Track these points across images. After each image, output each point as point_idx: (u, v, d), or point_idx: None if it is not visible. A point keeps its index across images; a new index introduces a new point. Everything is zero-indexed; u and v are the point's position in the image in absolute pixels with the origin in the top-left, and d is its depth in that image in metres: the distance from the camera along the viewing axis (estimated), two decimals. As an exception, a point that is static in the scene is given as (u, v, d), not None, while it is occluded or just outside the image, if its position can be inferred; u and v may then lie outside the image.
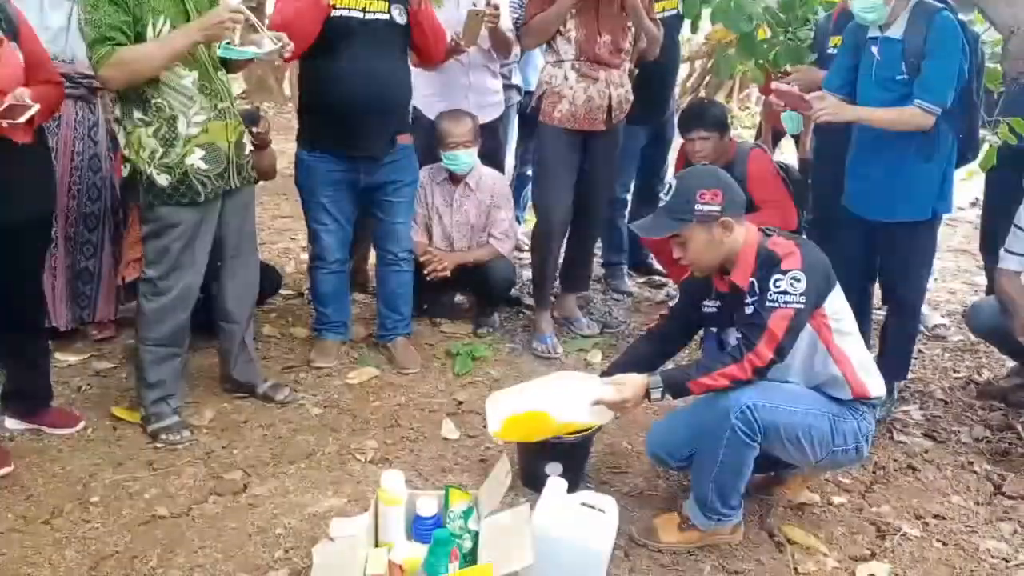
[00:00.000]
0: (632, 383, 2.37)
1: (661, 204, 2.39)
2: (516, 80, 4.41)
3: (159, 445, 2.86)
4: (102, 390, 3.22)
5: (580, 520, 2.18)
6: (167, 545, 2.39)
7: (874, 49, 2.94)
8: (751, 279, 2.32)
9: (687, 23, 4.33)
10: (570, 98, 3.55)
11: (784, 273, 2.24)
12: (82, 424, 2.93)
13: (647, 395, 2.35)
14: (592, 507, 2.22)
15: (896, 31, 2.89)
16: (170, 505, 2.56)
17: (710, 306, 2.52)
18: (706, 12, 3.60)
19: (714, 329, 2.53)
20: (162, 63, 2.57)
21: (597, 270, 4.63)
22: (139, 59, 2.54)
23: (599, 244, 4.49)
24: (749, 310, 2.30)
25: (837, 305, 2.36)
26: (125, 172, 2.74)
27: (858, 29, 3.01)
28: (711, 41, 6.77)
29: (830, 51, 3.50)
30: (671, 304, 2.83)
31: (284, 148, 4.36)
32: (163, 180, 2.67)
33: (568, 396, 2.45)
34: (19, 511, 2.48)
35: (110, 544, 2.38)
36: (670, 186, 2.38)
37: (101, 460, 2.77)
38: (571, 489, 2.32)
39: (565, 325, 3.97)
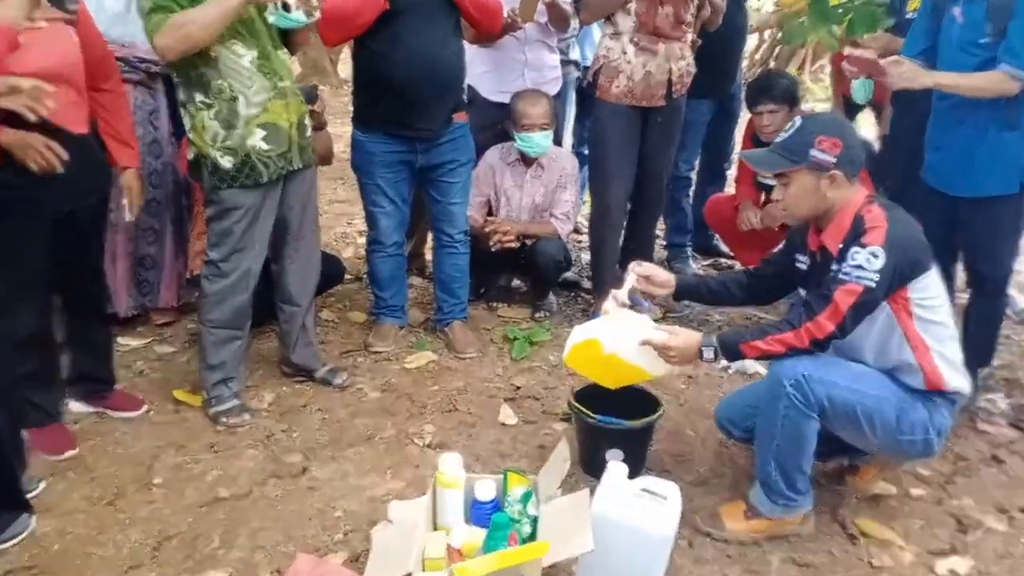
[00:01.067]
0: (685, 335, 2.31)
1: (778, 140, 2.30)
2: (574, 55, 4.32)
3: (220, 428, 2.88)
4: (164, 374, 3.26)
5: (641, 506, 2.10)
6: (229, 526, 2.39)
7: (956, 11, 2.76)
8: (840, 244, 2.20)
9: None
10: (628, 73, 3.45)
11: (863, 247, 2.11)
12: (145, 407, 2.97)
13: (700, 354, 2.26)
14: (654, 493, 2.14)
15: None
16: (231, 487, 2.57)
17: (801, 262, 2.41)
18: None
19: (803, 293, 2.42)
20: (215, 24, 2.50)
21: (660, 252, 4.52)
22: (191, 21, 2.48)
23: (662, 225, 4.39)
24: (831, 276, 2.19)
25: (930, 291, 2.20)
26: (191, 156, 2.76)
27: None
28: (781, 9, 6.56)
29: (908, 16, 3.34)
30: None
31: (340, 132, 4.37)
32: (227, 162, 2.67)
33: (623, 330, 2.37)
34: (84, 492, 2.52)
35: (173, 524, 2.40)
36: (793, 124, 2.28)
37: (164, 442, 2.80)
38: (632, 476, 2.25)
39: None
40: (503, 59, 3.78)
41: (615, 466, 2.23)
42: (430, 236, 3.83)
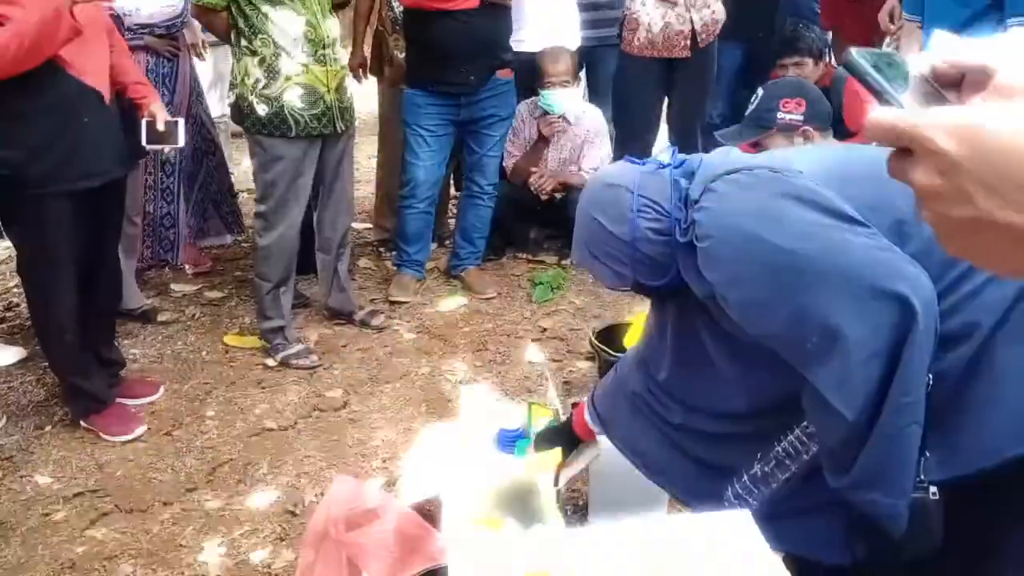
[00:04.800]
0: None
1: (746, 113, 2.39)
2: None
3: (270, 363, 3.08)
4: (213, 318, 3.47)
5: None
6: (276, 454, 2.61)
7: None
8: None
9: None
10: (647, 25, 3.51)
11: None
12: (161, 390, 2.92)
13: None
14: None
15: None
16: (278, 419, 2.78)
17: None
18: None
19: None
20: None
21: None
22: None
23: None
24: None
25: None
26: (231, 99, 2.95)
27: None
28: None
29: None
30: None
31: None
32: (261, 110, 2.84)
33: None
34: (146, 425, 2.73)
35: (225, 452, 2.62)
36: (756, 95, 2.38)
37: (214, 380, 3.02)
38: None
39: None
40: (524, 9, 3.82)
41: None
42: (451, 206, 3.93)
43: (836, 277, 1.17)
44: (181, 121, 2.81)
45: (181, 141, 2.80)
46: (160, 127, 2.70)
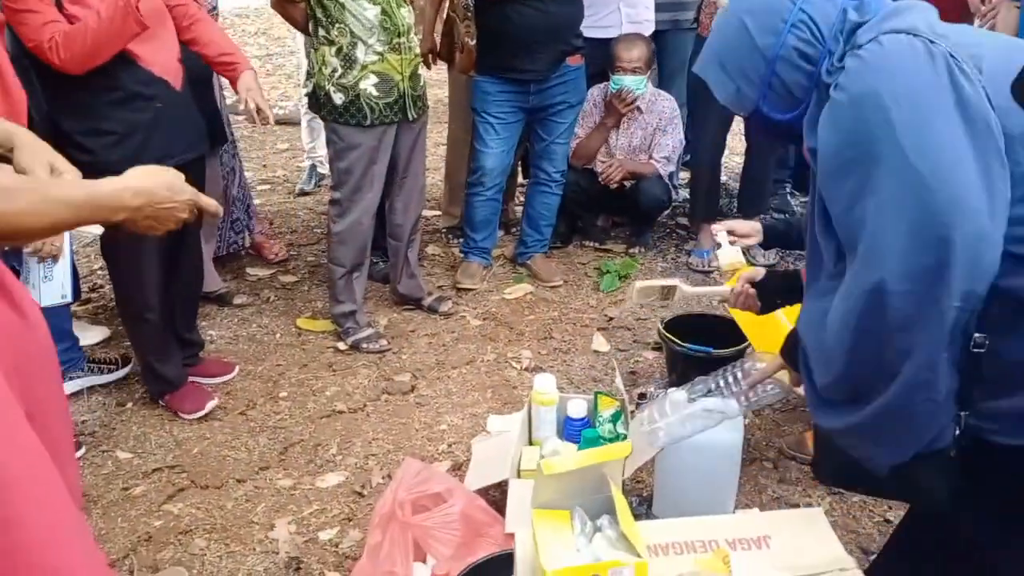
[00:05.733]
0: None
1: None
2: None
3: (341, 347, 3.14)
4: (287, 301, 3.55)
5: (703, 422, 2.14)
6: (345, 436, 2.66)
7: None
8: None
9: None
10: (726, 7, 3.44)
11: None
12: (236, 370, 3.01)
13: None
14: (712, 411, 2.18)
15: None
16: (348, 402, 2.83)
17: None
18: None
19: None
20: None
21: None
22: None
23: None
24: None
25: None
26: (307, 89, 3.00)
27: None
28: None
29: None
30: None
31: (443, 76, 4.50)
32: (338, 98, 2.88)
33: None
34: (219, 403, 2.82)
35: (296, 433, 2.68)
36: None
37: (287, 362, 3.09)
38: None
39: None
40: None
41: (674, 392, 2.30)
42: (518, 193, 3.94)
43: (911, 208, 1.09)
44: (273, 98, 2.81)
45: (271, 119, 2.77)
46: (251, 105, 2.69)
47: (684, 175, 4.59)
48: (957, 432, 1.19)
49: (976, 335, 1.13)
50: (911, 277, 1.09)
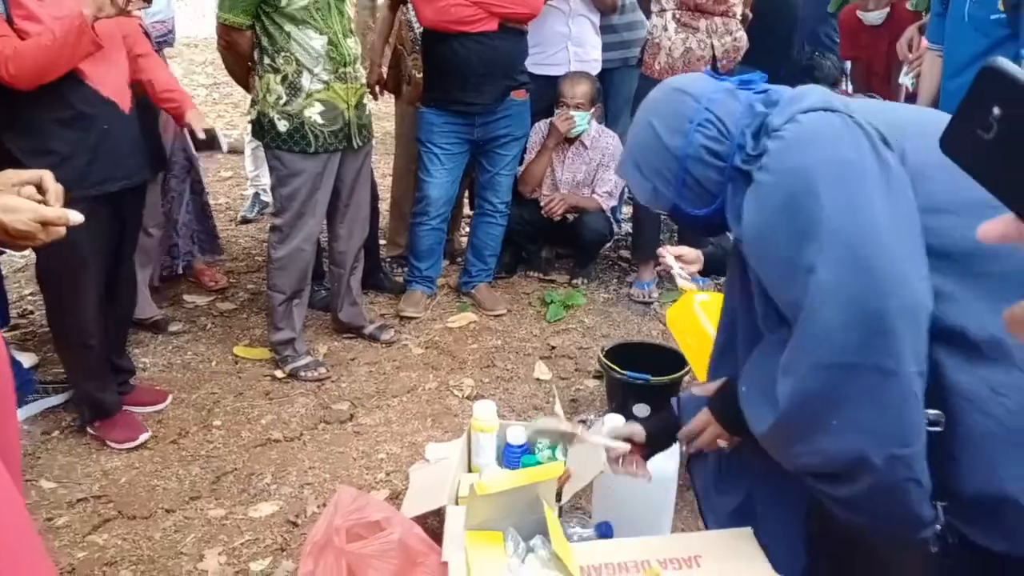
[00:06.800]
0: None
1: None
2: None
3: (279, 375, 3.09)
4: (225, 329, 3.48)
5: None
6: (280, 464, 2.60)
7: None
8: None
9: None
10: (667, 49, 3.54)
11: None
12: (169, 399, 2.93)
13: None
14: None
15: None
16: (284, 430, 2.78)
17: None
18: None
19: None
20: None
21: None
22: None
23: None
24: None
25: None
26: (252, 116, 2.98)
27: None
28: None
29: None
30: None
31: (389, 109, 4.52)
32: (282, 126, 2.87)
33: None
34: (151, 433, 2.74)
35: (230, 462, 2.61)
36: None
37: (222, 390, 3.02)
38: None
39: (666, 279, 3.99)
40: (547, 32, 3.89)
41: (611, 416, 2.30)
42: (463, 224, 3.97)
43: (848, 284, 1.09)
44: (217, 127, 2.82)
45: (224, 147, 2.83)
46: (200, 135, 2.73)
47: (627, 210, 4.66)
48: (938, 527, 1.15)
49: (929, 412, 1.11)
50: (850, 351, 1.09)
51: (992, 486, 1.11)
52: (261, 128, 2.93)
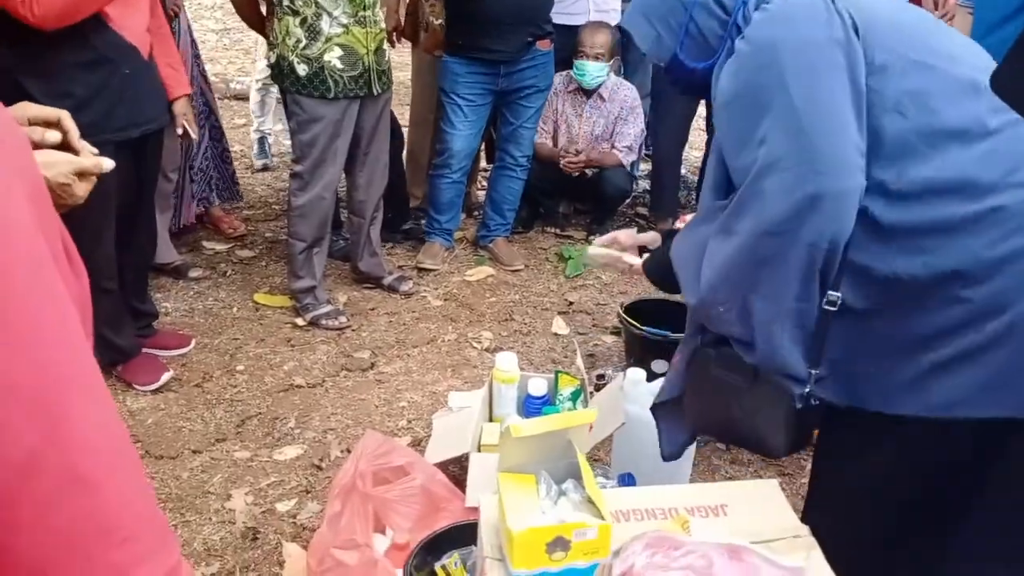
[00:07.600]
0: None
1: None
2: None
3: (299, 322, 3.12)
4: (244, 276, 3.51)
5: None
6: (303, 410, 2.64)
7: None
8: None
9: None
10: None
11: None
12: (193, 343, 2.96)
13: None
14: None
15: None
16: (306, 376, 2.82)
17: None
18: None
19: None
20: None
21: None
22: None
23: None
24: None
25: None
26: (271, 59, 2.96)
27: None
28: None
29: None
30: None
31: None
32: (301, 70, 2.85)
33: None
34: (174, 374, 2.78)
35: (253, 406, 2.66)
36: None
37: (244, 336, 3.06)
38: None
39: None
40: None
41: (633, 372, 2.34)
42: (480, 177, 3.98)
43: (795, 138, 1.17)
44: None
45: (192, 134, 2.90)
46: (178, 129, 2.81)
47: (644, 166, 4.65)
48: (806, 390, 1.28)
49: (831, 293, 1.21)
50: (781, 221, 1.17)
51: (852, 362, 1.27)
52: (280, 72, 2.92)
